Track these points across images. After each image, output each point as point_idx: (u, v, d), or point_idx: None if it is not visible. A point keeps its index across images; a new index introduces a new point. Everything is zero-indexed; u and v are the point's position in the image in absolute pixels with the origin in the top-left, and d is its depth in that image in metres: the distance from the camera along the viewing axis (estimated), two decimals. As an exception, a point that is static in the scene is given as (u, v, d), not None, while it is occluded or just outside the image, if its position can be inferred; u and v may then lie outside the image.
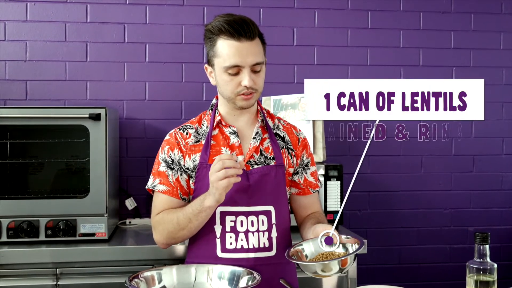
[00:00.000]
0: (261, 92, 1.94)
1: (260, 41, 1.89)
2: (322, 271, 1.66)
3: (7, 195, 2.59)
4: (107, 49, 3.19)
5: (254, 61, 1.84)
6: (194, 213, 1.81)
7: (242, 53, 1.83)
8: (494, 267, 1.60)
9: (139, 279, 1.66)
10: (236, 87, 1.87)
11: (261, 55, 1.87)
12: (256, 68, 1.86)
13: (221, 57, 1.85)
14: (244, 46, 1.83)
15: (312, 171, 2.08)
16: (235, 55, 1.83)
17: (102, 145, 2.60)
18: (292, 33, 3.33)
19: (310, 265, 1.69)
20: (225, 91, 1.90)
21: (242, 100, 1.89)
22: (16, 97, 3.12)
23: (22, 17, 3.13)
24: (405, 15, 3.42)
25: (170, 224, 1.88)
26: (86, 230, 2.58)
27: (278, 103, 2.99)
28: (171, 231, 1.88)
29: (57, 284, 2.45)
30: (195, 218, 1.82)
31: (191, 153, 1.94)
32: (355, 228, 3.32)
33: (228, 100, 1.92)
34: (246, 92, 1.86)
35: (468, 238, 3.47)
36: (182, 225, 1.85)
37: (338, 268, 1.66)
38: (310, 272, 1.69)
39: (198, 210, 1.80)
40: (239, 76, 1.86)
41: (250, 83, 1.84)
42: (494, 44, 3.50)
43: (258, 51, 1.86)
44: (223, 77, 1.88)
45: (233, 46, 1.83)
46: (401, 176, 3.43)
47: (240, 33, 1.82)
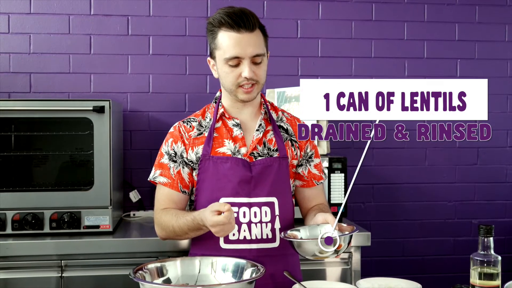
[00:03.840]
0: (263, 84, 1.94)
1: (261, 33, 1.90)
2: (319, 252, 1.68)
3: (12, 187, 2.60)
4: (111, 41, 3.19)
5: (254, 52, 1.85)
6: (191, 229, 1.85)
7: (242, 44, 1.83)
8: (498, 259, 1.60)
9: (143, 271, 1.66)
10: (237, 78, 1.87)
11: (261, 47, 1.88)
12: (257, 59, 1.87)
13: (222, 49, 1.87)
14: (244, 38, 1.84)
15: (316, 163, 2.08)
16: (235, 46, 1.84)
17: (106, 138, 2.60)
18: (296, 26, 3.32)
19: (305, 244, 1.71)
20: (226, 83, 1.91)
21: (243, 93, 1.89)
22: (20, 90, 3.13)
23: (25, 9, 3.13)
24: (410, 7, 3.40)
25: (167, 228, 1.92)
26: (90, 223, 2.59)
27: (282, 96, 2.99)
28: (167, 234, 1.94)
29: (62, 276, 2.47)
30: (193, 233, 1.88)
31: (194, 145, 1.95)
32: (359, 220, 3.32)
33: (230, 92, 1.93)
34: (247, 83, 1.87)
35: (472, 231, 3.47)
36: (178, 233, 1.90)
37: (333, 250, 1.68)
38: (305, 252, 1.72)
39: (197, 228, 1.83)
40: (240, 67, 1.86)
41: (250, 74, 1.85)
42: (499, 36, 3.49)
43: (258, 42, 1.87)
44: (224, 69, 1.89)
45: (233, 37, 1.84)
46: (405, 168, 3.43)
47: (239, 24, 1.83)
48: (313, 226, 1.85)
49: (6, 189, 2.58)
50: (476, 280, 1.60)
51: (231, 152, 1.93)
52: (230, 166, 1.90)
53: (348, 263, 2.63)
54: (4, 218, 2.53)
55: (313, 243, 1.69)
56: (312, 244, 1.70)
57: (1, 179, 2.61)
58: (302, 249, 1.72)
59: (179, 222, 1.86)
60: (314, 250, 1.70)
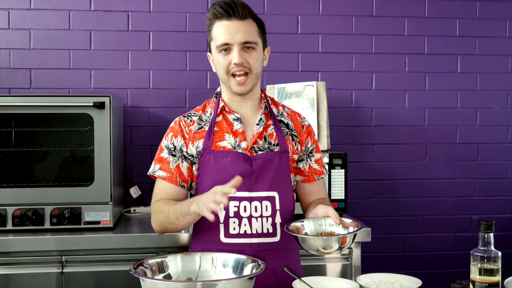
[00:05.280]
0: (257, 75, 1.94)
1: (255, 24, 1.93)
2: (323, 248, 1.70)
3: (12, 183, 2.60)
4: (111, 37, 3.19)
5: (243, 39, 1.87)
6: (181, 213, 1.83)
7: (231, 31, 1.88)
8: (498, 255, 1.60)
9: (143, 267, 1.67)
10: (228, 65, 1.90)
11: (252, 35, 1.90)
12: (247, 46, 1.89)
13: (214, 39, 1.91)
14: (234, 25, 1.88)
15: (317, 158, 2.09)
16: (224, 33, 1.88)
17: (107, 134, 2.60)
18: (297, 21, 3.32)
19: (310, 240, 1.72)
20: (220, 72, 1.94)
21: (236, 85, 1.91)
22: (21, 86, 3.12)
23: (26, 5, 3.12)
24: (410, 2, 3.40)
25: (162, 215, 1.91)
26: (90, 218, 2.59)
27: (283, 92, 2.99)
28: (162, 222, 1.93)
29: (62, 272, 2.47)
30: (182, 218, 1.85)
31: (194, 139, 1.95)
32: (360, 216, 3.32)
33: (224, 82, 1.95)
34: (238, 70, 1.88)
35: (473, 227, 3.47)
36: (171, 219, 1.89)
37: (337, 246, 1.70)
38: (309, 247, 1.73)
39: (185, 212, 1.81)
40: (230, 54, 1.89)
41: (240, 60, 1.87)
42: (500, 32, 3.48)
43: (249, 30, 1.89)
44: (217, 58, 1.93)
45: (223, 25, 1.89)
46: (405, 164, 3.42)
47: (229, 12, 1.87)
48: (317, 219, 1.86)
49: (6, 185, 2.58)
50: (476, 275, 1.60)
51: (232, 146, 1.93)
52: (231, 160, 1.90)
53: (349, 259, 2.63)
54: (5, 213, 2.53)
55: (319, 239, 1.70)
56: (317, 240, 1.70)
57: (2, 175, 2.61)
58: (307, 244, 1.73)
59: (175, 207, 1.86)
60: (318, 245, 1.71)
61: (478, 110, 3.47)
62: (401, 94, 3.40)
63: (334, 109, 3.27)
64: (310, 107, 2.92)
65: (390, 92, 3.39)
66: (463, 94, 3.46)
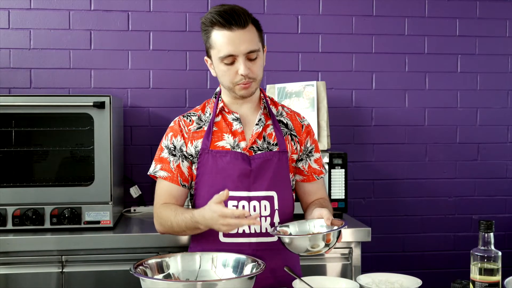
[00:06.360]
0: (260, 79, 1.94)
1: (254, 29, 1.90)
2: (311, 247, 1.70)
3: (12, 183, 2.60)
4: (111, 37, 3.19)
5: (248, 49, 1.85)
6: (188, 227, 1.86)
7: (235, 42, 1.84)
8: (498, 255, 1.60)
9: (143, 267, 1.67)
10: (234, 76, 1.88)
11: (255, 43, 1.88)
12: (252, 56, 1.87)
13: (216, 48, 1.87)
14: (236, 35, 1.84)
15: (316, 158, 2.09)
16: (228, 44, 1.84)
17: (107, 133, 2.60)
18: (297, 21, 3.32)
19: (295, 240, 1.73)
20: (224, 82, 1.92)
21: (241, 89, 1.90)
22: (21, 85, 3.12)
23: (26, 5, 3.12)
24: (410, 2, 3.40)
25: (166, 223, 1.93)
26: (91, 218, 2.59)
27: (283, 91, 2.98)
28: (166, 229, 1.95)
29: (63, 272, 2.47)
30: (191, 232, 1.90)
31: (193, 139, 1.96)
32: (360, 216, 3.32)
33: (228, 90, 1.94)
34: (244, 81, 1.87)
35: (473, 226, 3.47)
36: (176, 229, 1.91)
37: (323, 245, 1.70)
38: (296, 249, 1.74)
39: (194, 227, 1.84)
40: (235, 65, 1.87)
41: (246, 71, 1.85)
42: (500, 32, 3.48)
43: (251, 38, 1.86)
44: (220, 67, 1.90)
45: (225, 36, 1.84)
46: (405, 164, 3.42)
47: (230, 22, 1.83)
48: (302, 221, 1.88)
49: (6, 185, 2.58)
50: (476, 275, 1.60)
51: (231, 146, 1.93)
52: (230, 160, 1.91)
53: (349, 259, 2.63)
54: (5, 213, 2.53)
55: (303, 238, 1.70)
56: (302, 240, 1.71)
57: (2, 174, 2.61)
58: (293, 246, 1.73)
59: (177, 219, 1.87)
60: (305, 245, 1.71)
61: (478, 110, 3.47)
62: (401, 94, 3.40)
63: (334, 109, 3.27)
64: (310, 107, 2.92)
65: (390, 92, 3.39)
66: (463, 94, 3.46)
